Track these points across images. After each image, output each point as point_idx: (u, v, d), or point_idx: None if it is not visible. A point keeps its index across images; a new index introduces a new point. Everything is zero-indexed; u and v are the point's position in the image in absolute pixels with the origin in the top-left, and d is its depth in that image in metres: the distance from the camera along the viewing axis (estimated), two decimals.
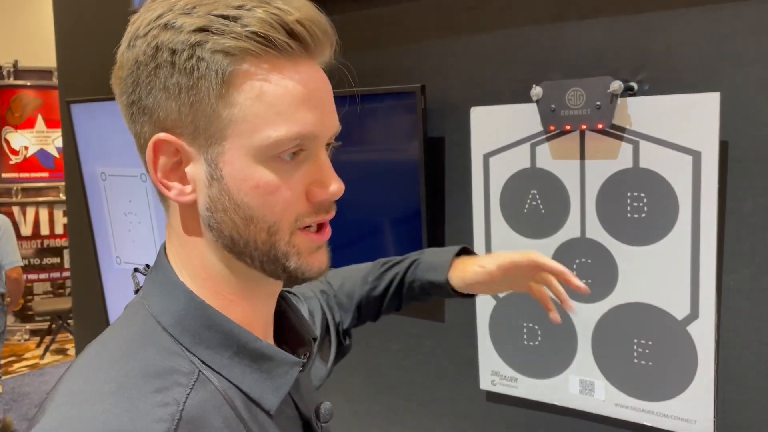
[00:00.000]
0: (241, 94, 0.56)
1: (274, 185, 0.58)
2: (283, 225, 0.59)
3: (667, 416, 1.14)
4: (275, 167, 0.58)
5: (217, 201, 0.58)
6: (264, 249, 0.59)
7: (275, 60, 0.56)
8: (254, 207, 0.58)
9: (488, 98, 1.30)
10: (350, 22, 1.48)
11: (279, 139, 0.57)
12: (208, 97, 0.56)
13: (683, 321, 1.11)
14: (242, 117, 0.56)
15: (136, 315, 0.62)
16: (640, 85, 1.13)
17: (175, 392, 0.55)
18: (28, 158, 5.73)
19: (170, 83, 0.56)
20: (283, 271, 0.61)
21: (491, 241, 1.30)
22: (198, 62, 0.55)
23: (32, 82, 5.67)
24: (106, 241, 2.00)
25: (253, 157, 0.57)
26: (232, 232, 0.59)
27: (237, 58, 0.55)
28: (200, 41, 0.55)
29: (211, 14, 0.55)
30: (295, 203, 0.59)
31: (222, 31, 0.55)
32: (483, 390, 1.37)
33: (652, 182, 1.10)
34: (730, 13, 1.04)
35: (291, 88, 0.57)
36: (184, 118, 0.57)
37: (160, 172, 0.59)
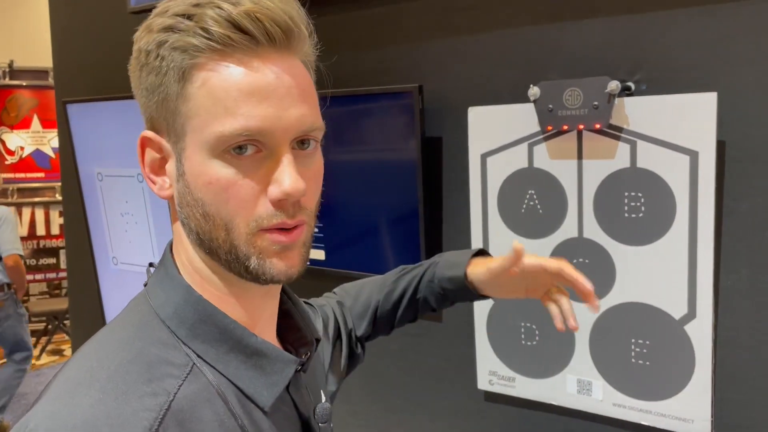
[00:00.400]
0: (193, 89, 0.57)
1: (227, 181, 0.57)
2: (239, 224, 0.58)
3: (665, 416, 1.14)
4: (231, 163, 0.57)
5: (182, 196, 0.60)
6: (225, 247, 0.59)
7: (229, 54, 0.56)
8: (208, 203, 0.58)
9: (486, 98, 1.30)
10: (348, 22, 1.47)
11: (223, 134, 0.56)
12: (171, 95, 0.58)
13: (681, 321, 1.11)
14: (195, 112, 0.57)
15: (138, 308, 0.64)
16: (637, 85, 1.13)
17: (166, 383, 0.56)
18: (24, 158, 5.71)
19: (147, 83, 0.59)
20: (245, 271, 0.59)
21: (489, 240, 1.30)
22: (161, 61, 0.57)
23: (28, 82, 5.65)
24: (102, 241, 1.99)
25: (207, 153, 0.57)
26: (197, 228, 0.60)
27: (189, 55, 0.56)
28: (163, 40, 0.57)
29: (176, 14, 0.57)
30: (252, 202, 0.58)
31: (180, 29, 0.57)
32: (481, 390, 1.37)
33: (650, 182, 1.11)
34: (727, 14, 1.05)
35: (237, 81, 0.56)
36: (158, 115, 0.60)
37: (147, 167, 0.62)
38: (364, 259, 1.48)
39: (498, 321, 1.31)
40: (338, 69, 1.50)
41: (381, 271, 1.45)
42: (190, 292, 0.61)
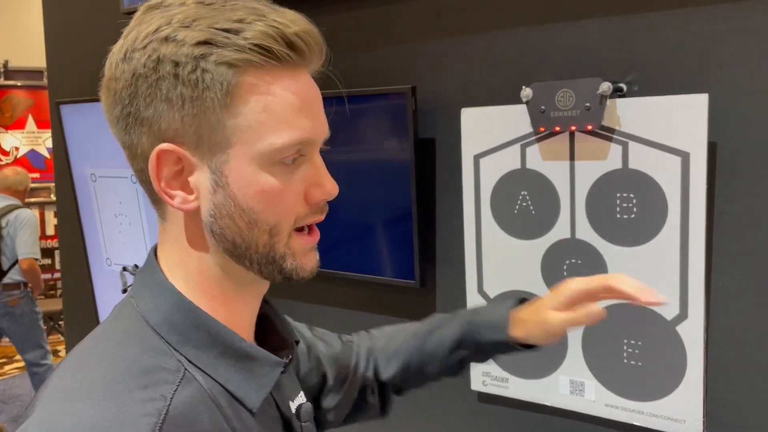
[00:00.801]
0: (246, 105, 0.59)
1: (278, 189, 0.61)
2: (283, 227, 0.62)
3: (657, 416, 1.15)
4: (277, 172, 0.61)
5: (222, 207, 0.61)
6: (264, 251, 0.63)
7: (275, 71, 0.60)
8: (258, 211, 0.61)
9: (479, 99, 1.30)
10: (341, 23, 1.47)
11: (283, 146, 0.60)
12: (212, 108, 0.58)
13: (672, 321, 1.11)
14: (246, 126, 0.59)
15: (125, 314, 0.64)
16: (629, 87, 1.14)
17: (162, 388, 0.57)
18: (19, 159, 5.70)
19: (173, 95, 0.58)
20: (279, 272, 0.64)
21: (482, 242, 1.30)
22: (203, 74, 0.58)
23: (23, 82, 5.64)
24: (96, 242, 1.99)
25: (257, 164, 0.60)
26: (235, 237, 0.62)
27: (240, 69, 0.58)
28: (204, 54, 0.57)
29: (213, 27, 0.58)
30: (295, 205, 0.63)
31: (225, 44, 0.57)
32: (474, 390, 1.37)
33: (642, 183, 1.11)
34: (719, 15, 1.05)
35: (291, 97, 0.61)
36: (188, 128, 0.59)
37: (163, 181, 0.61)
38: (356, 260, 1.48)
39: None
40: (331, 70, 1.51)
41: (374, 272, 1.46)
42: (181, 299, 0.63)
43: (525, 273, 1.25)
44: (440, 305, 1.42)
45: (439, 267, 1.41)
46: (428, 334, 0.96)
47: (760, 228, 1.05)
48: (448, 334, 0.94)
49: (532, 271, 1.25)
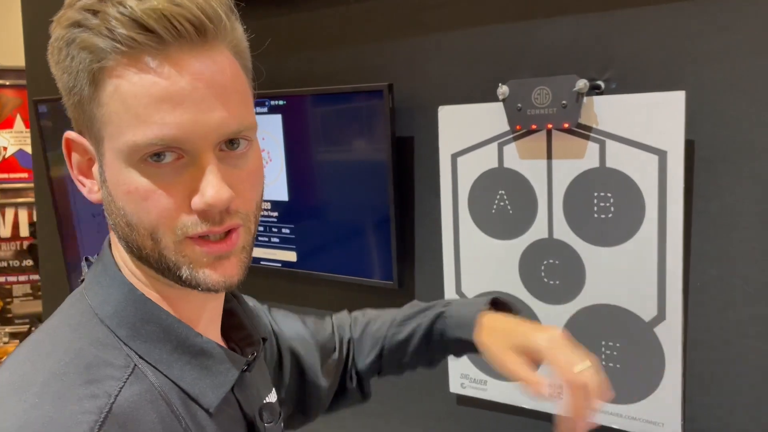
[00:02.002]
0: (105, 95, 0.53)
1: (146, 190, 0.54)
2: (164, 233, 0.55)
3: (636, 419, 1.13)
4: (149, 172, 0.54)
5: (107, 203, 0.57)
6: (155, 256, 0.56)
7: (137, 56, 0.51)
8: (130, 213, 0.55)
9: (457, 97, 1.28)
10: (317, 20, 1.45)
11: (136, 143, 0.52)
12: (84, 97, 0.54)
13: (650, 323, 1.09)
14: (108, 119, 0.53)
15: (74, 306, 0.61)
16: (607, 84, 1.12)
17: (107, 385, 0.53)
18: (7, 158, 5.65)
19: (62, 81, 0.55)
20: (179, 280, 0.57)
21: (459, 242, 1.28)
22: (72, 60, 0.53)
23: (11, 81, 5.59)
24: (74, 243, 1.96)
25: (123, 161, 0.54)
26: (124, 236, 0.57)
27: (98, 56, 0.52)
28: (72, 38, 0.53)
29: (84, 8, 0.52)
30: (175, 211, 0.55)
31: (88, 27, 0.52)
32: (453, 393, 1.35)
33: (619, 182, 1.09)
34: (696, 11, 1.03)
35: (148, 86, 0.52)
36: (77, 117, 0.56)
37: (75, 168, 0.59)
38: (335, 260, 1.46)
39: None
40: (307, 67, 1.49)
41: (352, 273, 1.43)
42: (132, 291, 0.59)
43: (503, 273, 1.23)
44: None
45: (418, 267, 1.39)
46: (403, 323, 0.94)
47: (738, 227, 1.03)
48: (422, 325, 0.92)
49: (509, 271, 1.23)
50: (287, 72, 1.48)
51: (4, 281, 5.45)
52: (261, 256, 1.56)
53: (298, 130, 1.44)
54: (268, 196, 1.52)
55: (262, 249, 1.56)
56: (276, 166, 1.49)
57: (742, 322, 1.05)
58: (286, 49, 1.49)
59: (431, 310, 0.93)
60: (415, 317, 0.93)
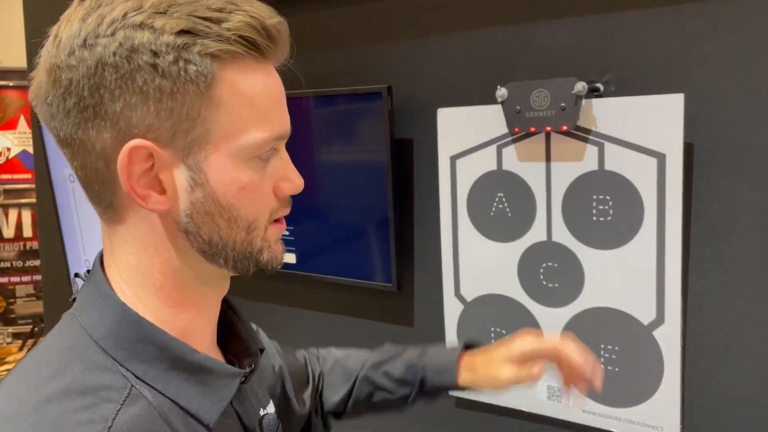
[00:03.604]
0: (227, 97, 0.56)
1: (257, 184, 0.60)
2: (260, 222, 0.61)
3: (634, 422, 1.12)
4: (255, 167, 0.59)
5: (201, 206, 0.58)
6: (241, 248, 0.61)
7: (253, 64, 0.57)
8: (239, 207, 0.59)
9: (456, 99, 1.28)
10: (316, 22, 1.45)
11: (264, 140, 0.58)
12: (193, 101, 0.54)
13: (649, 326, 1.09)
14: (228, 120, 0.56)
15: (68, 328, 0.60)
16: (606, 86, 1.11)
17: (103, 409, 0.52)
18: (11, 159, 5.67)
19: (150, 87, 0.53)
20: (255, 264, 0.63)
21: (458, 245, 1.27)
22: (186, 65, 0.54)
23: (15, 82, 5.60)
24: (75, 244, 1.97)
25: (239, 159, 0.58)
26: (212, 235, 0.59)
27: (224, 61, 0.55)
28: (186, 43, 0.54)
29: (193, 16, 0.54)
30: (269, 199, 0.62)
31: (207, 34, 0.54)
32: (452, 396, 1.34)
33: (618, 185, 1.09)
34: (695, 14, 1.03)
35: (270, 90, 0.59)
36: (163, 122, 0.55)
37: (135, 181, 0.56)
38: (335, 263, 1.46)
39: (468, 325, 1.29)
40: (307, 69, 1.48)
41: (351, 275, 1.43)
42: (125, 311, 0.58)
43: (501, 276, 1.23)
44: (417, 308, 1.40)
45: (417, 269, 1.39)
46: (378, 366, 0.97)
47: (737, 230, 1.03)
48: (396, 369, 0.96)
49: (508, 273, 1.22)
50: (286, 73, 1.48)
51: (7, 281, 5.46)
52: None
53: (297, 131, 1.44)
54: None
55: None
56: None
57: (741, 325, 1.04)
58: None
59: (406, 356, 0.97)
60: (390, 361, 0.98)
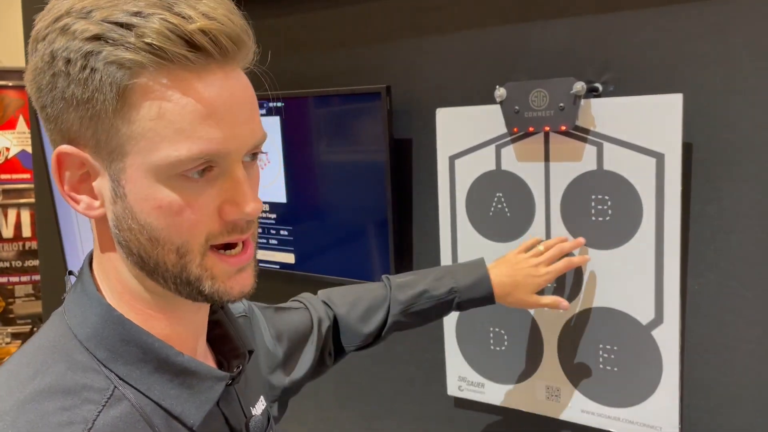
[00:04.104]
0: (139, 111, 0.52)
1: (178, 206, 0.54)
2: (192, 246, 0.55)
3: (633, 423, 1.12)
4: (180, 186, 0.54)
5: (122, 219, 0.55)
6: (175, 271, 0.56)
7: (176, 72, 0.52)
8: (158, 228, 0.54)
9: (455, 99, 1.28)
10: (315, 22, 1.45)
11: (179, 159, 0.52)
12: (105, 111, 0.52)
13: (648, 326, 1.09)
14: (140, 134, 0.52)
15: (54, 327, 0.60)
16: (604, 86, 1.11)
17: (84, 410, 0.52)
18: (10, 159, 5.66)
19: (67, 94, 0.52)
20: (198, 294, 0.57)
21: (457, 244, 1.27)
22: (92, 73, 0.51)
23: (14, 82, 5.59)
24: (74, 244, 1.96)
25: (154, 176, 0.53)
26: (141, 252, 0.56)
27: (132, 71, 0.51)
28: (93, 50, 0.51)
29: (106, 21, 0.51)
30: (205, 223, 0.55)
31: (116, 41, 0.50)
32: (450, 396, 1.34)
33: (616, 185, 1.09)
34: (694, 14, 1.03)
35: (193, 103, 0.52)
36: (85, 130, 0.53)
37: (67, 184, 0.56)
38: (333, 262, 1.46)
39: (467, 326, 1.29)
40: (305, 69, 1.48)
41: (350, 275, 1.43)
42: (110, 311, 0.58)
43: None
44: None
45: (415, 269, 1.38)
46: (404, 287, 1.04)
47: (735, 231, 1.03)
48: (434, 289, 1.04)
49: None
50: (286, 74, 1.48)
51: (6, 281, 5.45)
52: (259, 257, 1.56)
53: (296, 132, 1.44)
54: (267, 198, 1.52)
55: (261, 251, 1.56)
56: (274, 168, 1.48)
57: (739, 325, 1.04)
58: (285, 51, 1.49)
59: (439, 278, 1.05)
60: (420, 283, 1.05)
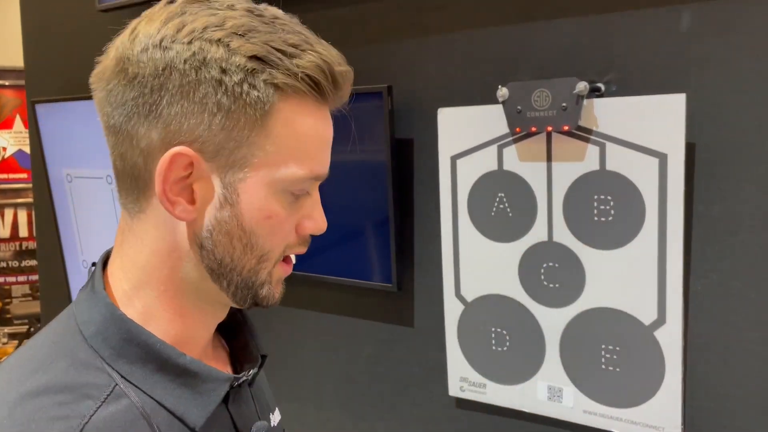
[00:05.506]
0: (279, 128, 0.58)
1: (283, 217, 0.61)
2: (273, 254, 0.62)
3: (635, 423, 1.12)
4: (285, 201, 0.61)
5: (224, 224, 0.59)
6: (245, 276, 0.61)
7: (312, 103, 0.59)
8: (259, 235, 0.60)
9: (457, 99, 1.27)
10: (316, 21, 1.44)
11: (302, 177, 0.60)
12: (245, 124, 0.56)
13: (650, 326, 1.09)
14: (274, 149, 0.58)
15: (62, 323, 0.61)
16: (607, 86, 1.11)
17: (82, 406, 0.53)
18: (6, 159, 5.65)
19: (210, 100, 0.55)
20: (252, 297, 0.63)
21: (459, 245, 1.27)
22: (249, 89, 0.56)
23: (10, 82, 5.59)
24: (72, 244, 1.96)
25: (273, 189, 0.59)
26: (224, 256, 0.60)
27: (285, 94, 0.57)
28: (256, 69, 0.56)
29: (269, 45, 0.56)
30: (289, 234, 0.63)
31: (277, 65, 0.56)
32: (452, 396, 1.34)
33: (619, 185, 1.08)
34: (697, 14, 1.03)
35: (321, 130, 0.61)
36: (212, 137, 0.56)
37: (169, 185, 0.57)
38: (334, 263, 1.46)
39: (468, 326, 1.29)
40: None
41: (351, 275, 1.43)
42: (113, 310, 0.59)
43: (502, 276, 1.23)
44: (417, 308, 1.40)
45: (417, 270, 1.38)
46: None
47: (738, 231, 1.03)
48: None
49: (509, 274, 1.22)
50: None
51: (3, 282, 5.45)
52: None
53: None
54: None
55: None
56: None
57: (742, 325, 1.04)
58: None
59: None
60: None
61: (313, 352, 1.57)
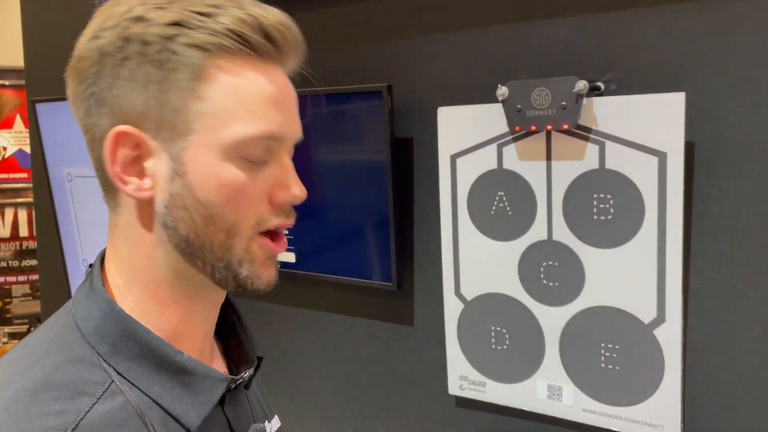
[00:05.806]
0: (213, 89, 0.56)
1: (240, 184, 0.57)
2: (243, 227, 0.59)
3: (635, 421, 1.12)
4: (241, 166, 0.58)
5: (178, 198, 0.57)
6: (219, 253, 0.59)
7: (249, 59, 0.57)
8: (217, 206, 0.57)
9: (456, 98, 1.28)
10: (316, 20, 1.45)
11: (248, 136, 0.57)
12: (177, 90, 0.55)
13: (650, 325, 1.09)
14: (212, 112, 0.56)
15: (60, 319, 0.61)
16: (607, 85, 1.11)
17: (78, 402, 0.53)
18: (7, 159, 5.65)
19: (138, 74, 0.55)
20: (233, 278, 0.60)
21: (458, 244, 1.27)
22: (171, 55, 0.55)
23: (11, 81, 5.59)
24: (73, 243, 1.96)
25: (220, 154, 0.57)
26: (189, 233, 0.58)
27: (211, 53, 0.56)
28: (174, 34, 0.55)
29: (187, 9, 0.56)
30: (258, 205, 0.59)
31: (197, 26, 0.55)
32: (452, 395, 1.34)
33: (618, 184, 1.09)
34: (697, 12, 1.03)
35: (263, 86, 0.58)
36: (150, 110, 0.56)
37: (118, 165, 0.57)
38: (334, 262, 1.46)
39: (468, 325, 1.29)
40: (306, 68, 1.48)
41: (351, 274, 1.43)
42: (111, 306, 0.58)
43: (502, 275, 1.23)
44: (417, 307, 1.40)
45: (417, 269, 1.38)
46: None
47: (738, 230, 1.03)
48: None
49: (509, 273, 1.22)
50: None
51: (3, 281, 5.45)
52: None
53: None
54: None
55: None
56: None
57: (741, 324, 1.04)
58: None
59: None
60: None
61: (313, 351, 1.57)
